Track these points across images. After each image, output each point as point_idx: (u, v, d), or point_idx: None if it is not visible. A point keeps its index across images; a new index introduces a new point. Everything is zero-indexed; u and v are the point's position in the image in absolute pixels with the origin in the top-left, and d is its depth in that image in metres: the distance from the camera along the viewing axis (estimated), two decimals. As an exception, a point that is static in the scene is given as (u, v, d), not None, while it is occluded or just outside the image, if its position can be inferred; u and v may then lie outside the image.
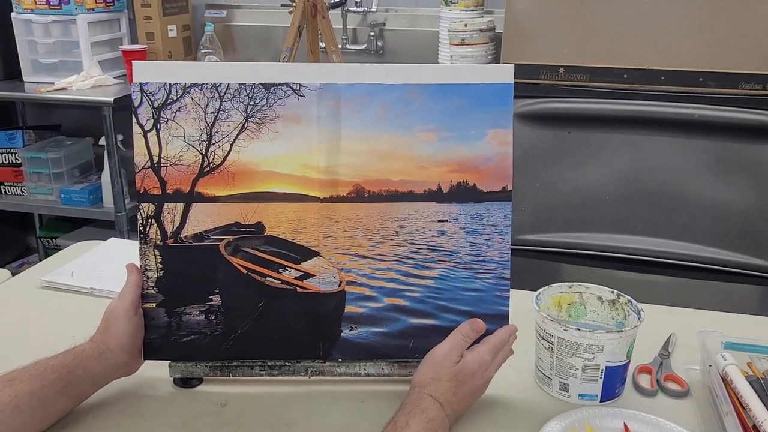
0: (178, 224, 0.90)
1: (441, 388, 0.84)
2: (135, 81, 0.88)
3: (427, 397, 0.82)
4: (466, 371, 0.85)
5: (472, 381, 0.85)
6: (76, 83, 2.58)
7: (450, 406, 0.83)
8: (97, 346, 0.87)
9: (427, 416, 0.80)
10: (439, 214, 0.90)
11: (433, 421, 0.80)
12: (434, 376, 0.85)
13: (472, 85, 0.88)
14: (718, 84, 1.73)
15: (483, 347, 0.87)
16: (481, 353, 0.86)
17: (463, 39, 2.15)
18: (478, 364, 0.86)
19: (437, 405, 0.82)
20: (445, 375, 0.85)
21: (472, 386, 0.86)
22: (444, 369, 0.85)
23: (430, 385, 0.84)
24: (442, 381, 0.84)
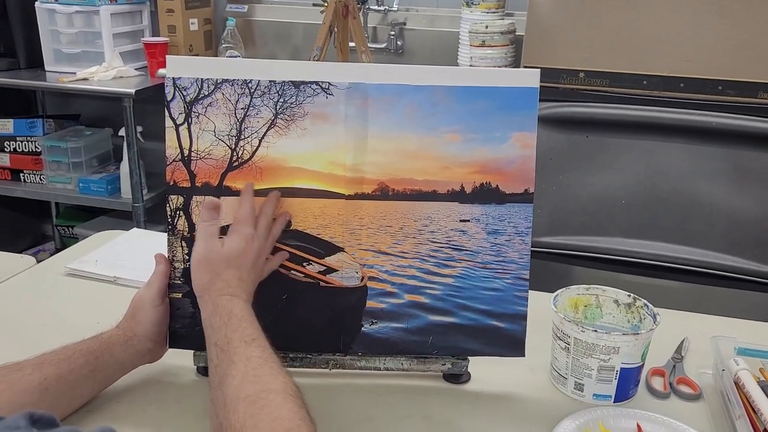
0: (206, 217, 0.92)
1: (227, 282, 0.83)
2: (168, 75, 0.90)
3: (220, 299, 0.82)
4: (234, 252, 0.85)
5: (246, 258, 0.85)
6: (98, 74, 2.61)
7: (243, 291, 0.83)
8: (124, 332, 0.89)
9: (235, 318, 0.80)
10: (461, 214, 0.92)
11: (243, 318, 0.80)
12: (213, 274, 0.84)
13: (498, 88, 0.89)
14: (736, 92, 1.73)
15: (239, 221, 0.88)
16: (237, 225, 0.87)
17: (483, 41, 2.16)
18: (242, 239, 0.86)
19: (233, 299, 0.82)
20: (220, 266, 0.84)
21: (249, 262, 0.85)
22: (213, 261, 0.85)
23: (216, 284, 0.84)
24: (221, 274, 0.84)
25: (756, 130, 1.73)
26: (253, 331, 0.79)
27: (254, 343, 0.77)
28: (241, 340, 0.77)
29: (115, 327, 0.91)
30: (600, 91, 1.83)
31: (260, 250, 0.88)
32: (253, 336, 0.78)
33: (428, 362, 0.95)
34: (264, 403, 0.69)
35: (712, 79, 1.75)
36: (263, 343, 0.78)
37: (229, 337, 0.78)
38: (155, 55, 2.65)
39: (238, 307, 0.82)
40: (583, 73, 1.82)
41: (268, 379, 0.72)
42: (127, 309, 0.92)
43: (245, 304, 0.83)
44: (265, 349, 0.77)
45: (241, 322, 0.80)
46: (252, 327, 0.80)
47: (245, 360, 0.75)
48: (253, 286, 0.87)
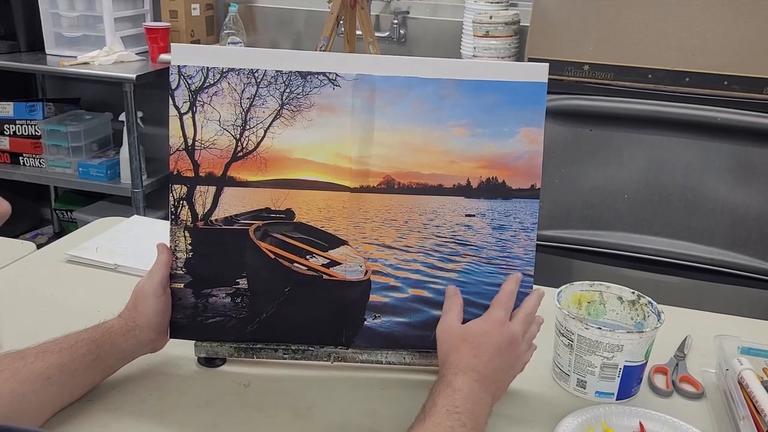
0: (209, 207, 0.91)
1: (460, 356, 0.82)
2: (173, 63, 0.89)
3: (448, 372, 0.81)
4: (475, 330, 0.84)
5: (489, 340, 0.82)
6: (99, 58, 2.59)
7: (475, 371, 0.80)
8: (126, 322, 0.89)
9: (451, 389, 0.78)
10: (467, 208, 0.92)
11: (459, 391, 0.78)
12: (450, 347, 0.83)
13: (507, 83, 0.88)
14: (742, 88, 1.72)
15: (491, 307, 0.86)
16: (488, 311, 0.86)
17: (487, 31, 2.15)
18: (487, 320, 0.84)
19: (459, 374, 0.80)
20: (456, 340, 0.83)
21: (493, 345, 0.82)
22: (451, 335, 0.84)
23: (450, 357, 0.82)
24: (457, 348, 0.82)
25: (761, 126, 1.72)
26: (462, 406, 0.76)
27: (455, 416, 0.75)
28: (444, 407, 0.76)
29: (117, 316, 0.90)
30: (605, 84, 1.82)
31: (511, 341, 0.84)
32: (459, 410, 0.76)
33: (430, 356, 0.94)
34: None
35: (718, 74, 1.74)
36: (466, 420, 0.75)
37: (436, 402, 0.77)
38: (156, 40, 2.63)
39: (461, 381, 0.79)
40: (588, 66, 1.81)
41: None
42: (129, 299, 0.91)
43: (470, 382, 0.79)
44: (464, 426, 0.75)
45: (454, 393, 0.78)
46: (463, 403, 0.77)
47: (435, 425, 0.74)
48: (495, 377, 0.82)
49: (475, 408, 0.78)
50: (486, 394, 0.80)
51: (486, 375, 0.81)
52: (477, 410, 0.78)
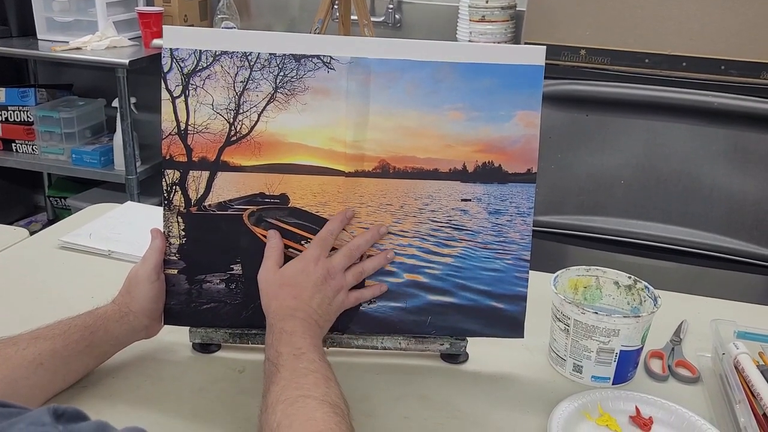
0: (203, 192, 0.90)
1: (281, 301, 0.83)
2: (165, 46, 0.88)
3: (275, 320, 0.82)
4: (290, 271, 0.85)
5: (305, 278, 0.85)
6: (91, 43, 2.57)
7: (300, 310, 0.83)
8: (119, 308, 0.88)
9: (286, 333, 0.79)
10: (462, 193, 0.91)
11: (294, 333, 0.79)
12: (271, 297, 0.85)
13: (503, 66, 0.87)
14: (739, 72, 1.72)
15: (309, 245, 0.88)
16: (301, 254, 0.87)
17: (483, 16, 2.13)
18: (301, 260, 0.86)
19: (286, 318, 0.81)
20: (274, 287, 0.85)
21: (309, 282, 0.84)
22: (269, 282, 0.86)
23: (271, 306, 0.84)
24: (277, 295, 0.84)
25: (758, 111, 1.71)
26: (303, 344, 0.78)
27: (302, 357, 0.76)
28: (290, 353, 0.77)
29: (110, 302, 0.90)
30: (601, 69, 1.81)
31: (327, 275, 0.86)
32: (303, 350, 0.77)
33: (426, 342, 0.94)
34: (301, 405, 0.69)
35: (715, 59, 1.73)
36: (313, 356, 0.77)
37: (279, 351, 0.78)
38: (149, 25, 2.60)
39: (290, 324, 0.81)
40: (584, 51, 1.80)
41: (310, 387, 0.72)
42: (123, 284, 0.90)
43: (299, 322, 0.81)
44: (314, 361, 0.76)
45: (291, 337, 0.79)
46: (303, 341, 0.78)
47: (291, 370, 0.75)
48: (320, 311, 0.84)
49: (314, 341, 0.80)
50: (315, 327, 0.83)
51: (309, 312, 0.83)
52: (316, 342, 0.80)
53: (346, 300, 0.88)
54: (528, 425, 0.85)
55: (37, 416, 0.45)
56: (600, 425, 0.85)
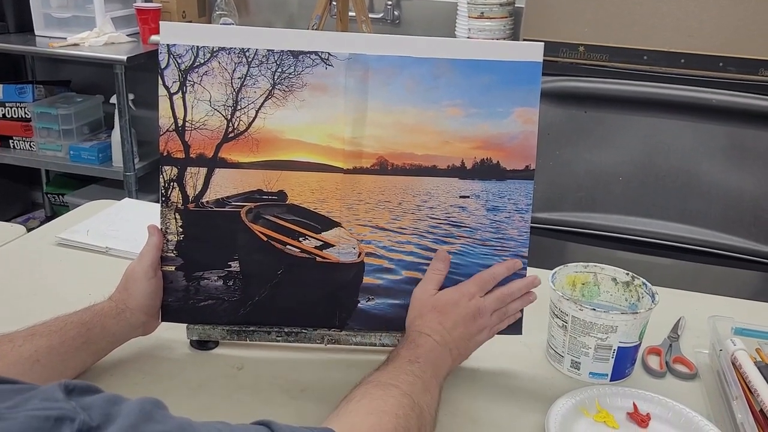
0: (200, 189, 0.90)
1: (425, 322, 0.85)
2: (162, 42, 0.87)
3: (413, 332, 0.84)
4: (444, 299, 0.86)
5: (456, 310, 0.85)
6: (89, 39, 2.56)
7: (438, 334, 0.84)
8: (116, 305, 0.88)
9: (414, 344, 0.81)
10: (461, 190, 0.91)
11: (421, 346, 0.81)
12: (417, 314, 0.86)
13: (501, 62, 0.87)
14: (738, 69, 1.71)
15: (468, 280, 0.89)
16: (461, 283, 0.88)
17: (482, 12, 2.13)
18: (458, 292, 0.87)
19: (422, 334, 0.83)
20: (425, 308, 0.86)
21: (458, 315, 0.85)
22: (422, 302, 0.87)
23: (415, 322, 0.86)
24: (424, 315, 0.86)
25: (756, 107, 1.71)
26: (423, 357, 0.80)
27: (416, 364, 0.78)
28: (406, 357, 0.79)
29: (107, 299, 0.89)
30: (600, 65, 1.80)
31: (477, 314, 0.86)
32: (420, 360, 0.79)
33: (424, 339, 0.94)
34: (384, 389, 0.71)
35: (714, 56, 1.72)
36: (426, 368, 0.78)
37: (400, 353, 0.80)
38: (147, 21, 2.60)
39: (423, 340, 0.83)
40: (582, 47, 1.80)
41: (404, 383, 0.74)
42: (120, 281, 0.90)
43: (432, 342, 0.83)
44: (425, 372, 0.78)
45: (416, 348, 0.81)
46: (425, 355, 0.80)
47: (398, 368, 0.77)
48: (457, 343, 0.85)
49: (435, 360, 0.81)
50: (446, 354, 0.83)
51: (447, 339, 0.84)
52: (437, 362, 0.81)
53: (486, 338, 0.90)
54: (526, 422, 0.85)
55: (50, 392, 0.45)
56: (598, 421, 0.85)
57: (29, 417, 0.43)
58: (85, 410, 0.44)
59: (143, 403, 0.48)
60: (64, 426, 0.43)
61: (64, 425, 0.43)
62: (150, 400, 0.49)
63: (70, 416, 0.43)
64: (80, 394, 0.46)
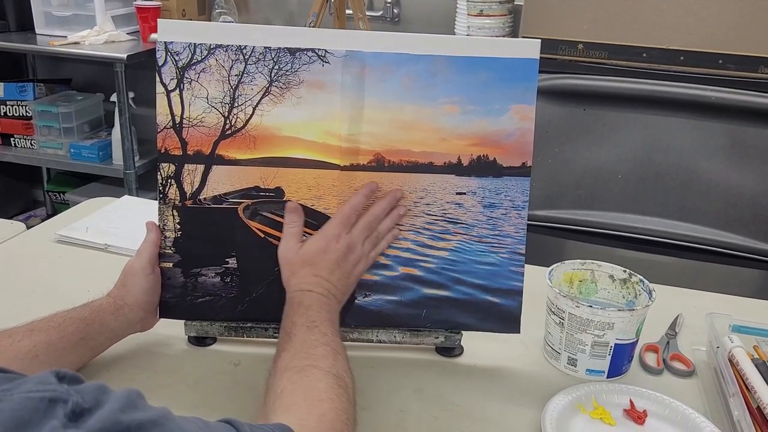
0: (198, 186, 0.90)
1: (301, 278, 0.84)
2: (160, 39, 0.88)
3: (295, 293, 0.83)
4: (311, 250, 0.85)
5: (326, 257, 0.85)
6: (89, 38, 2.56)
7: (319, 286, 0.84)
8: (114, 301, 0.88)
9: (303, 306, 0.81)
10: (457, 186, 0.91)
11: (311, 307, 0.81)
12: (290, 273, 0.86)
13: (498, 59, 0.87)
14: (737, 67, 1.71)
15: (329, 221, 0.88)
16: (324, 227, 0.87)
17: (481, 10, 2.13)
18: (323, 238, 0.86)
19: (304, 293, 0.83)
20: (295, 265, 0.86)
21: (329, 261, 0.85)
22: (290, 260, 0.86)
23: (291, 281, 0.85)
24: (297, 272, 0.85)
25: (756, 105, 1.71)
26: (317, 318, 0.80)
27: (314, 329, 0.78)
28: (303, 324, 0.79)
29: (106, 295, 0.90)
30: (599, 63, 1.80)
31: (348, 251, 0.86)
32: (317, 323, 0.79)
33: (421, 335, 0.94)
34: (307, 374, 0.71)
35: (713, 53, 1.72)
36: (326, 330, 0.78)
37: (294, 321, 0.80)
38: (148, 20, 2.60)
39: (307, 298, 0.82)
40: (582, 45, 1.80)
41: (318, 358, 0.74)
42: (119, 277, 0.90)
43: (317, 297, 0.83)
44: (326, 335, 0.78)
45: (307, 310, 0.81)
46: (318, 315, 0.80)
47: (302, 341, 0.76)
48: (339, 284, 0.86)
49: (328, 314, 0.81)
50: (333, 301, 0.84)
51: (328, 287, 0.84)
52: (330, 315, 0.82)
53: (366, 267, 0.89)
54: (522, 418, 0.85)
55: (42, 377, 0.46)
56: (594, 418, 0.85)
57: (24, 398, 0.44)
58: (77, 393, 0.46)
59: (129, 392, 0.49)
60: (58, 407, 0.44)
61: (58, 406, 0.44)
62: (134, 390, 0.50)
63: (63, 398, 0.45)
64: (70, 382, 0.48)
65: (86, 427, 0.44)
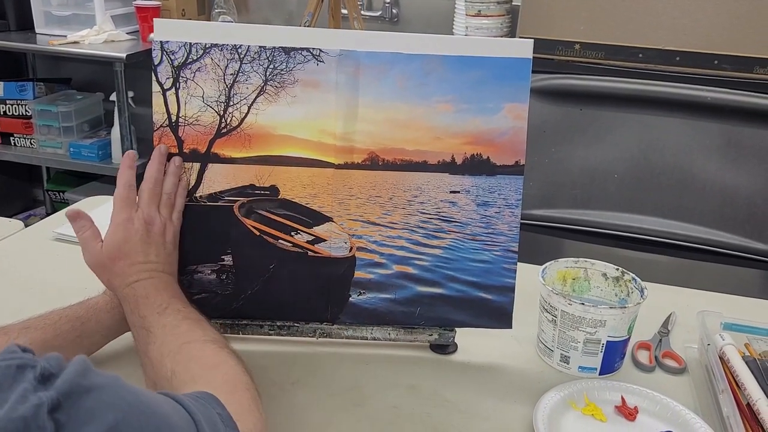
0: (194, 184, 0.91)
1: (120, 274, 0.83)
2: (156, 39, 0.88)
3: (125, 291, 0.83)
4: (113, 243, 0.84)
5: (130, 244, 0.84)
6: (89, 37, 2.57)
7: (142, 272, 0.83)
8: (111, 299, 0.89)
9: (141, 297, 0.81)
10: (451, 185, 0.92)
11: (147, 296, 0.81)
12: (108, 275, 0.85)
13: (492, 59, 0.88)
14: (732, 67, 1.72)
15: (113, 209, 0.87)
16: (112, 216, 0.86)
17: (479, 10, 2.14)
18: (118, 228, 0.84)
19: (133, 285, 0.82)
20: (108, 264, 0.84)
21: (136, 244, 0.84)
22: (101, 262, 0.85)
23: (114, 282, 0.84)
24: (113, 270, 0.84)
25: (751, 105, 1.72)
26: (162, 301, 0.80)
27: (166, 312, 0.79)
28: (153, 313, 0.79)
29: (102, 293, 0.90)
30: (595, 63, 1.81)
31: (147, 226, 0.85)
32: (164, 305, 0.80)
33: (415, 332, 0.95)
34: (186, 351, 0.73)
35: (709, 53, 1.73)
36: (177, 306, 0.80)
37: (143, 315, 0.80)
38: (147, 20, 2.61)
39: (140, 288, 0.82)
40: (578, 45, 1.81)
41: (187, 333, 0.75)
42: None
43: (148, 283, 0.82)
44: (179, 311, 0.79)
45: (146, 299, 0.81)
46: (160, 298, 0.81)
47: (161, 326, 0.77)
48: (159, 260, 0.85)
49: (171, 292, 0.82)
50: (165, 277, 0.84)
51: (152, 268, 0.84)
52: (174, 292, 0.83)
53: (174, 230, 0.88)
54: (515, 414, 0.86)
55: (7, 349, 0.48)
56: (585, 414, 0.85)
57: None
58: (44, 360, 0.47)
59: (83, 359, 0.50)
60: (26, 372, 0.45)
61: (26, 371, 0.45)
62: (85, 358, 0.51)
63: (30, 364, 0.46)
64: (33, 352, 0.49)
65: (55, 387, 0.45)
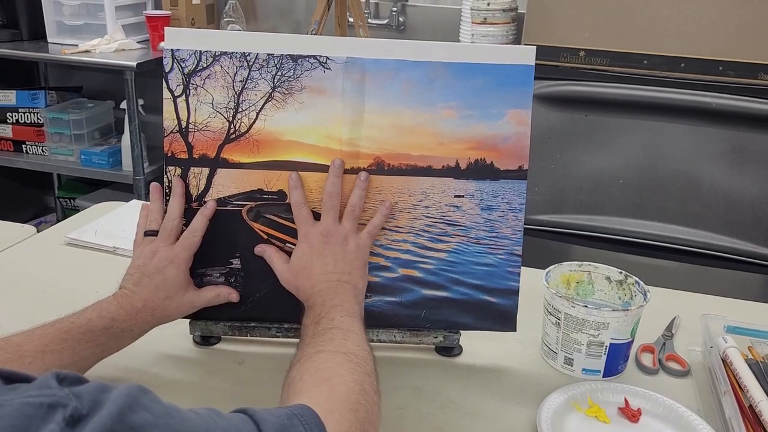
0: (203, 188, 0.93)
1: (304, 289, 0.87)
2: (167, 47, 0.90)
3: (306, 304, 0.85)
4: (295, 260, 0.88)
5: (309, 256, 0.88)
6: (100, 46, 2.60)
7: (319, 283, 0.86)
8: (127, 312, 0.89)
9: (309, 309, 0.84)
10: (455, 189, 0.93)
11: (313, 306, 0.83)
12: (296, 290, 0.88)
13: (495, 65, 0.90)
14: (737, 73, 1.73)
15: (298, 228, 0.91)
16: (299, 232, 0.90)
17: (485, 18, 2.15)
18: (298, 246, 0.89)
19: (309, 298, 0.85)
20: (294, 281, 0.88)
21: (314, 257, 0.87)
22: (290, 280, 0.89)
23: (301, 296, 0.87)
24: (299, 286, 0.88)
25: (755, 111, 1.72)
26: (322, 310, 0.82)
27: (321, 320, 0.80)
28: (311, 323, 0.81)
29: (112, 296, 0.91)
30: (600, 70, 1.82)
31: (325, 238, 0.88)
32: (322, 314, 0.81)
33: (421, 335, 0.96)
34: (314, 360, 0.73)
35: (713, 60, 1.74)
36: (332, 315, 0.81)
37: (304, 324, 0.83)
38: (157, 29, 2.64)
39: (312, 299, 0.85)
40: (583, 52, 1.82)
41: (324, 343, 0.76)
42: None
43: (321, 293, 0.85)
44: (332, 320, 0.80)
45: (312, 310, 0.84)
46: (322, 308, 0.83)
47: (311, 335, 0.79)
48: (338, 269, 0.87)
49: (337, 302, 0.83)
50: (342, 287, 0.86)
51: (328, 278, 0.86)
52: (341, 302, 0.83)
53: (360, 241, 0.90)
54: (519, 416, 0.87)
55: (43, 381, 0.47)
56: (589, 416, 0.86)
57: (23, 404, 0.44)
58: (77, 397, 0.46)
59: (129, 389, 0.49)
60: (57, 412, 0.44)
61: (56, 412, 0.44)
62: (136, 386, 0.50)
63: (63, 403, 0.45)
64: (71, 383, 0.48)
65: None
